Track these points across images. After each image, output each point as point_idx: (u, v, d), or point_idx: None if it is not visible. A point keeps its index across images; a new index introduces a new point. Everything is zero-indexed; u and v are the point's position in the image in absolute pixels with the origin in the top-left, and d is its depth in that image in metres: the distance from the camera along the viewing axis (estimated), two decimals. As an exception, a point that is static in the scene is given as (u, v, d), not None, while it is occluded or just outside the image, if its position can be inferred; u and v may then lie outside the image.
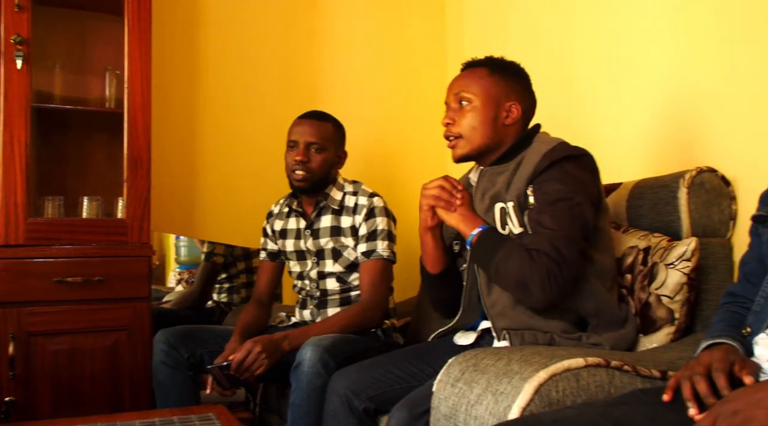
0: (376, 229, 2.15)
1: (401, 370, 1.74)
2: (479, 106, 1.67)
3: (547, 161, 1.57)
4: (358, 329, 2.05)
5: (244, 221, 2.80)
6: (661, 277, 1.61)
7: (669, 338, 1.58)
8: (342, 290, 2.21)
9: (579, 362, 1.26)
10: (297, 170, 2.16)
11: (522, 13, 2.73)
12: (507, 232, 1.62)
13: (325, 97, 2.92)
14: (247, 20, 2.89)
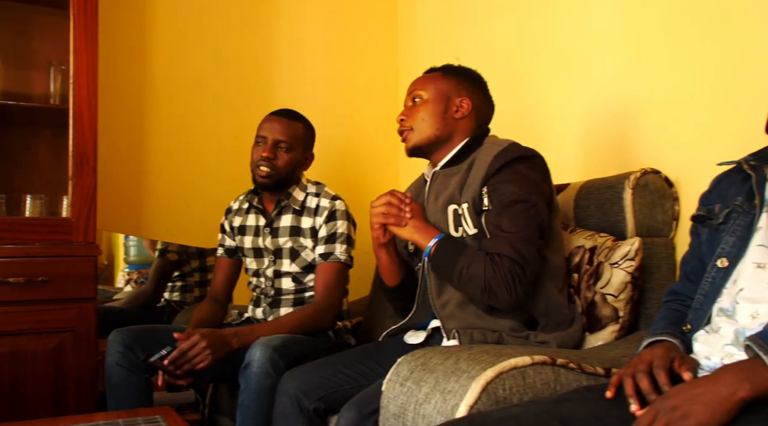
0: (335, 231, 2.13)
1: (351, 370, 1.74)
2: (429, 100, 1.75)
3: (499, 162, 1.60)
4: (309, 330, 2.03)
5: (195, 220, 2.76)
6: (606, 277, 1.64)
7: (614, 336, 1.62)
8: (297, 290, 2.20)
9: (525, 360, 1.27)
10: (262, 166, 2.13)
11: (474, 15, 2.75)
12: (461, 233, 1.64)
13: (278, 96, 2.90)
14: (199, 16, 2.85)
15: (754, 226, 1.18)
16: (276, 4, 3.00)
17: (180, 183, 2.79)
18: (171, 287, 3.19)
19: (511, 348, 1.39)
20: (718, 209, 1.28)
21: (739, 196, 1.24)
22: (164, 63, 2.78)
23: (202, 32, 2.85)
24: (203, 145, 2.82)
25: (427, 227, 1.65)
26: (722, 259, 1.21)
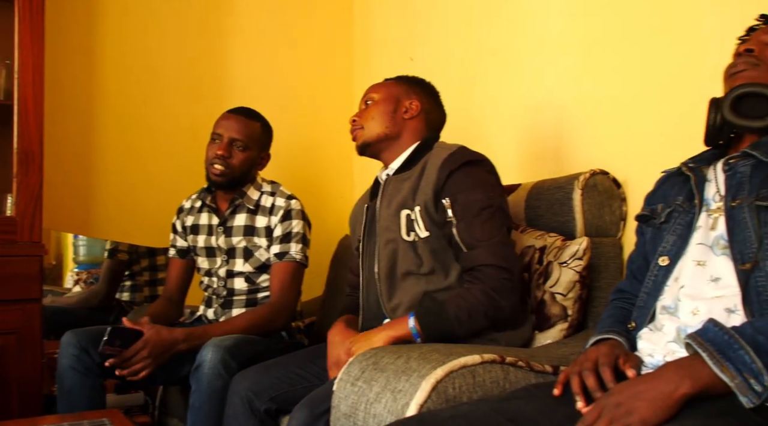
0: (291, 231, 2.12)
1: (303, 370, 1.74)
2: (379, 100, 1.80)
3: (449, 165, 1.62)
4: (263, 331, 2.01)
5: (146, 220, 2.72)
6: (555, 276, 1.67)
7: (562, 334, 1.64)
8: (249, 291, 2.17)
9: (475, 359, 1.28)
10: (216, 164, 2.10)
11: (429, 17, 2.76)
12: (413, 238, 1.65)
13: (232, 95, 2.87)
14: (150, 12, 2.80)
15: (694, 224, 1.21)
16: (232, 5, 2.97)
17: (130, 182, 2.74)
18: (120, 287, 3.13)
19: (462, 347, 1.40)
20: (660, 209, 1.31)
21: (680, 196, 1.28)
22: (115, 59, 2.73)
23: (154, 28, 2.81)
24: (155, 143, 2.78)
25: (391, 324, 1.57)
26: (663, 257, 1.24)
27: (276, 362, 1.76)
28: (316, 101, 3.14)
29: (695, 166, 1.28)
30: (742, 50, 1.23)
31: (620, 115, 1.89)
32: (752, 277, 1.08)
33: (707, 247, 1.17)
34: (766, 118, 1.16)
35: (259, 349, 1.90)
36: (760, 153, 1.15)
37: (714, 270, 1.15)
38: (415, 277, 1.65)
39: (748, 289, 1.08)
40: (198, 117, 2.60)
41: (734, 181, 1.18)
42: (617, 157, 1.88)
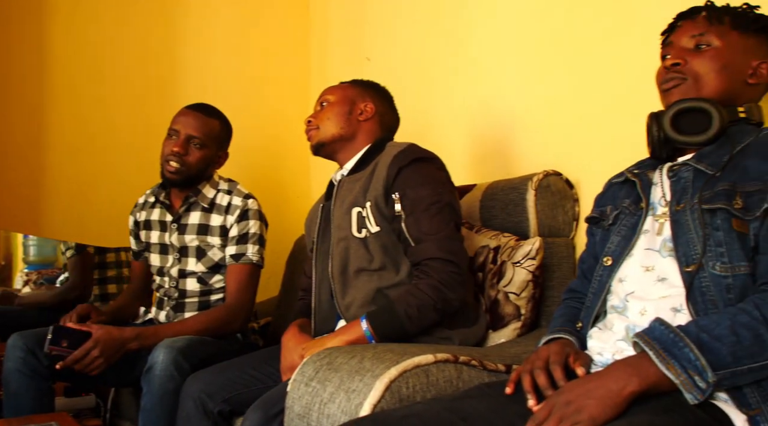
0: (248, 232, 2.08)
1: (257, 371, 1.73)
2: (335, 102, 1.82)
3: (399, 162, 1.64)
4: (218, 333, 1.98)
5: (98, 219, 2.66)
6: (509, 275, 1.69)
7: (516, 333, 1.66)
8: (202, 292, 2.12)
9: (428, 358, 1.29)
10: (171, 161, 2.06)
11: (385, 16, 2.77)
12: (364, 234, 1.66)
13: (187, 93, 2.82)
14: (103, 7, 2.75)
15: (639, 227, 1.24)
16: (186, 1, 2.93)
17: (82, 180, 2.69)
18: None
19: (416, 346, 1.40)
20: (609, 211, 1.34)
21: (627, 199, 1.31)
22: (65, 55, 2.67)
23: (106, 24, 2.75)
24: (107, 141, 2.73)
25: (343, 329, 1.57)
26: (607, 258, 1.27)
27: (230, 363, 1.75)
28: (273, 101, 3.12)
29: (640, 172, 1.31)
30: (669, 64, 1.26)
31: (573, 116, 1.92)
32: (696, 278, 1.10)
33: (654, 251, 1.20)
34: (707, 132, 1.20)
35: (213, 350, 1.88)
36: (703, 166, 1.19)
37: (661, 271, 1.17)
38: (368, 274, 1.66)
39: (693, 290, 1.10)
40: (152, 115, 2.56)
41: (678, 186, 1.21)
42: (570, 159, 1.91)
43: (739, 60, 1.24)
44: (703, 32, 1.25)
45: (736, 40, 1.24)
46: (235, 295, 2.04)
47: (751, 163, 1.14)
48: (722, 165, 1.16)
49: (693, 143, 1.22)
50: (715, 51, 1.23)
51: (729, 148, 1.18)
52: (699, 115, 1.21)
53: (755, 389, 1.00)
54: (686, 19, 1.29)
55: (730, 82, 1.23)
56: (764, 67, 1.25)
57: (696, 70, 1.23)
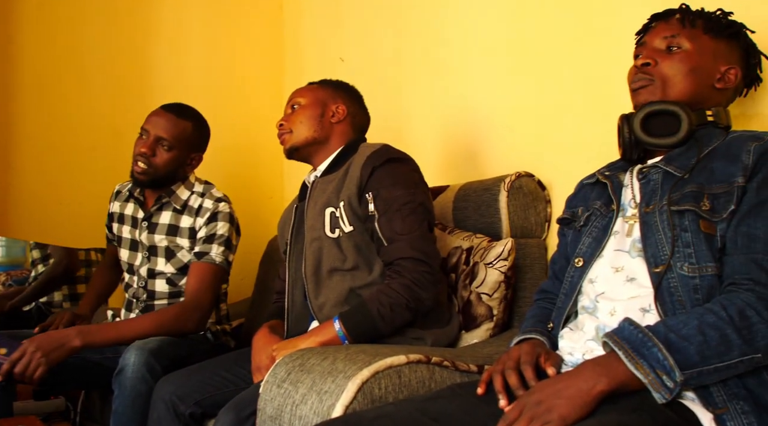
0: (215, 233, 2.04)
1: (230, 373, 1.72)
2: (306, 105, 1.81)
3: (372, 162, 1.65)
4: (172, 331, 1.91)
5: (68, 220, 2.63)
6: (481, 276, 1.69)
7: (488, 334, 1.67)
8: (171, 294, 2.09)
9: (401, 359, 1.29)
10: (139, 162, 2.02)
11: (359, 17, 2.77)
12: (337, 234, 1.66)
13: (159, 92, 2.79)
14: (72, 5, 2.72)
15: (610, 228, 1.25)
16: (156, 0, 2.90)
17: (51, 180, 2.65)
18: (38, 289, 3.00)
19: (388, 347, 1.40)
20: (581, 212, 1.35)
21: (598, 200, 1.32)
22: (34, 53, 2.63)
23: (77, 22, 2.72)
24: (76, 140, 2.69)
25: (317, 330, 1.56)
26: (578, 259, 1.28)
27: (201, 365, 1.73)
28: (246, 101, 3.10)
29: (611, 174, 1.33)
30: (639, 64, 1.28)
31: (545, 118, 1.94)
32: (665, 278, 1.12)
33: (624, 252, 1.21)
34: (676, 135, 1.22)
35: (185, 351, 1.86)
36: (672, 168, 1.21)
37: (630, 271, 1.19)
38: (341, 274, 1.66)
39: (661, 290, 1.12)
40: (123, 114, 2.53)
41: (648, 188, 1.23)
42: (543, 160, 1.93)
43: (708, 64, 1.26)
44: (675, 34, 1.27)
45: (706, 44, 1.26)
46: (192, 293, 1.97)
47: (717, 165, 1.16)
48: (690, 167, 1.18)
49: (662, 145, 1.25)
50: (685, 53, 1.25)
51: (697, 151, 1.20)
52: (668, 118, 1.23)
53: (721, 388, 1.01)
54: (660, 21, 1.32)
55: (697, 85, 1.25)
56: (732, 73, 1.27)
57: (665, 72, 1.25)
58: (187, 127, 2.07)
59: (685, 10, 1.30)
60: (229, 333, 2.21)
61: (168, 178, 2.07)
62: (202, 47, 3.00)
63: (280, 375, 1.32)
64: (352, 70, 2.76)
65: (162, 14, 2.90)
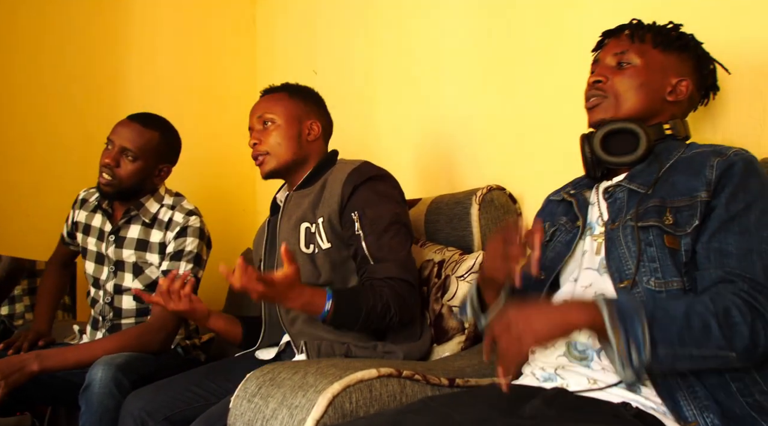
0: (183, 249, 1.99)
1: (200, 388, 1.70)
2: (282, 124, 1.77)
3: (354, 179, 1.65)
4: (136, 352, 1.85)
5: (35, 232, 2.58)
6: (453, 289, 1.70)
7: (460, 347, 1.67)
8: (138, 311, 2.03)
9: (372, 373, 1.29)
10: (104, 173, 1.97)
11: (332, 30, 2.78)
12: (312, 250, 1.66)
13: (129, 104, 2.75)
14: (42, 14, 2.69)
15: (573, 244, 1.27)
16: (128, 5, 2.88)
17: (18, 192, 2.61)
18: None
19: (359, 361, 1.40)
20: (547, 226, 1.36)
21: (564, 216, 1.34)
22: (3, 62, 2.60)
23: (47, 32, 2.69)
24: (46, 151, 2.65)
25: (309, 293, 1.53)
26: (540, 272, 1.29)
27: (171, 380, 1.71)
28: (219, 112, 3.08)
29: (576, 192, 1.35)
30: (591, 81, 1.30)
31: (516, 132, 1.96)
32: (631, 294, 1.13)
33: (593, 270, 1.22)
34: (635, 152, 1.24)
35: (154, 366, 1.83)
36: (636, 185, 1.22)
37: (598, 288, 1.20)
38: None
39: None
40: (92, 125, 2.49)
41: (615, 207, 1.24)
42: (513, 173, 1.94)
43: (658, 78, 1.27)
44: (625, 50, 1.29)
45: (656, 57, 1.28)
46: (158, 313, 1.91)
47: (678, 178, 1.18)
48: (652, 182, 1.20)
49: (622, 163, 1.26)
50: (635, 69, 1.27)
51: (657, 166, 1.22)
52: (627, 136, 1.25)
53: (691, 402, 1.03)
54: (612, 37, 1.34)
55: (649, 99, 1.27)
56: (683, 85, 1.28)
57: (616, 88, 1.27)
58: (154, 137, 2.01)
59: (635, 26, 1.32)
60: (199, 347, 2.18)
61: (135, 189, 2.02)
62: (175, 58, 2.98)
63: (251, 389, 1.31)
64: (325, 83, 2.75)
65: (134, 24, 2.88)
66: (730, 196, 1.12)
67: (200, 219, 2.05)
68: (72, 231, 2.20)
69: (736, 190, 1.12)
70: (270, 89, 1.87)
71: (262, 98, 1.86)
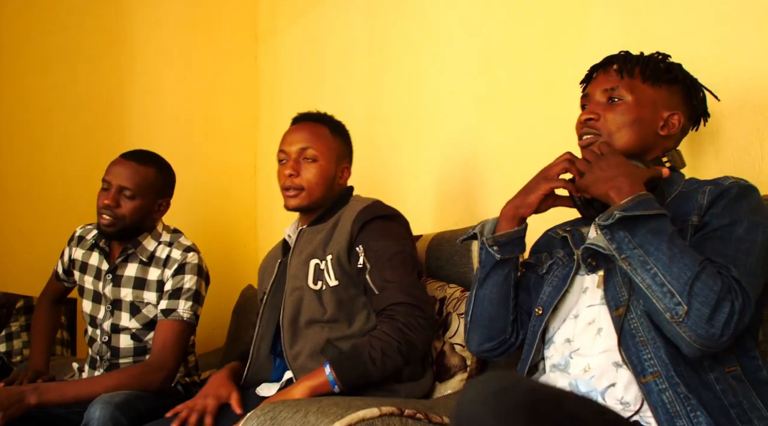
0: (182, 287, 1.98)
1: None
2: (324, 163, 1.76)
3: (363, 217, 1.66)
4: (136, 390, 1.82)
5: (35, 269, 2.58)
6: (455, 326, 1.69)
7: (462, 384, 1.65)
8: (136, 351, 2.03)
9: (373, 412, 1.27)
10: (104, 214, 1.96)
11: (334, 64, 2.81)
12: (320, 286, 1.66)
13: (132, 138, 2.79)
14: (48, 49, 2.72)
15: (569, 278, 1.26)
16: (132, 42, 2.92)
17: (18, 228, 2.61)
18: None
19: (361, 399, 1.38)
20: (544, 257, 1.36)
21: (562, 249, 1.34)
22: (7, 101, 2.63)
23: (51, 69, 2.73)
24: (47, 189, 2.67)
25: (307, 376, 1.53)
26: (538, 308, 1.30)
27: (170, 420, 1.69)
28: (221, 149, 3.11)
29: (572, 228, 1.35)
30: (583, 119, 1.30)
31: (517, 168, 1.96)
32: (626, 321, 1.13)
33: (596, 305, 1.22)
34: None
35: (153, 405, 1.80)
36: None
37: (599, 322, 1.20)
38: (319, 325, 1.65)
39: (624, 336, 1.12)
40: (95, 160, 2.49)
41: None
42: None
43: (650, 113, 1.27)
44: (615, 86, 1.28)
45: (646, 93, 1.27)
46: (158, 352, 1.90)
47: (675, 208, 1.19)
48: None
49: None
50: (626, 106, 1.26)
51: (661, 199, 1.21)
52: None
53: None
54: (600, 71, 1.34)
55: (642, 135, 1.27)
56: (675, 118, 1.28)
57: (609, 127, 1.27)
58: (150, 173, 2.02)
59: (623, 59, 1.31)
60: (199, 384, 2.16)
61: (136, 227, 2.02)
62: (177, 95, 3.02)
63: (251, 429, 1.30)
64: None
65: (137, 62, 2.92)
66: (718, 215, 1.13)
67: (198, 255, 2.04)
68: (68, 268, 2.19)
69: (724, 211, 1.13)
70: (310, 117, 1.82)
71: (303, 126, 1.80)
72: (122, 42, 2.91)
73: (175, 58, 3.02)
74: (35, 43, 2.70)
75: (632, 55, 1.32)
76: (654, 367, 1.08)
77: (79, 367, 2.16)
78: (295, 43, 3.07)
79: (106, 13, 2.87)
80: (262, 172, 3.07)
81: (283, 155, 1.78)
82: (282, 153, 1.78)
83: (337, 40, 2.80)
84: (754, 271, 1.07)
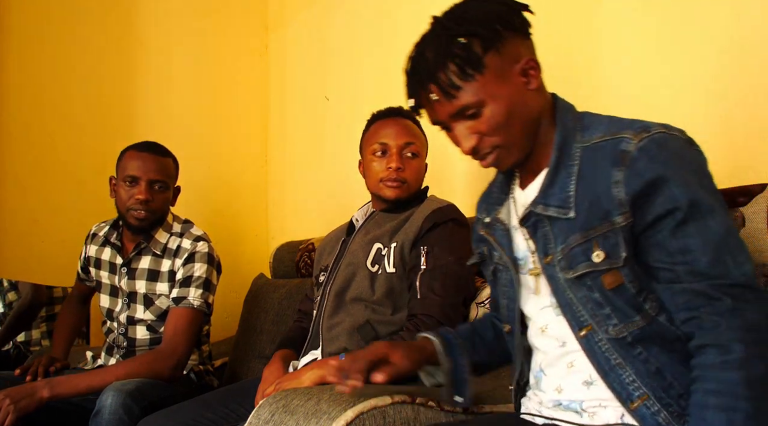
0: (192, 275, 1.99)
1: (213, 413, 1.68)
2: (422, 161, 1.83)
3: (434, 218, 1.67)
4: (147, 378, 1.84)
5: (49, 258, 2.59)
6: (472, 316, 1.69)
7: (474, 373, 1.65)
8: (152, 341, 2.04)
9: (385, 400, 1.28)
10: (140, 210, 1.97)
11: (344, 55, 2.79)
12: (376, 269, 1.68)
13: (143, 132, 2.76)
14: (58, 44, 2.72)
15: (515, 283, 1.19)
16: (143, 34, 2.91)
17: (33, 219, 2.62)
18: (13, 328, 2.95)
19: (372, 387, 1.38)
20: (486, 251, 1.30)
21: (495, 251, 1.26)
22: (19, 92, 2.63)
23: (61, 59, 2.72)
24: (64, 177, 2.67)
25: (320, 363, 1.54)
26: (505, 325, 1.27)
27: (182, 407, 1.70)
28: (231, 139, 3.10)
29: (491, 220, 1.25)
30: (469, 149, 1.12)
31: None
32: (595, 343, 1.05)
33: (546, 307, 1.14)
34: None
35: (165, 393, 1.81)
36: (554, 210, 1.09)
37: (558, 335, 1.12)
38: (363, 304, 1.67)
39: (596, 357, 1.05)
40: (107, 153, 2.50)
41: (540, 242, 1.12)
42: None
43: (505, 87, 1.08)
44: (463, 102, 1.09)
45: (488, 78, 1.07)
46: (169, 340, 1.92)
47: (590, 190, 1.05)
48: (570, 200, 1.06)
49: None
50: (490, 107, 1.08)
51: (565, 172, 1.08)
52: None
53: None
54: (420, 101, 1.20)
55: (522, 112, 1.10)
56: (529, 64, 1.10)
57: (495, 141, 1.10)
58: (170, 163, 2.07)
59: (424, 80, 1.18)
60: (212, 372, 2.17)
61: (162, 217, 2.06)
62: (188, 84, 3.00)
63: (264, 416, 1.30)
64: (337, 109, 2.77)
65: (148, 51, 2.91)
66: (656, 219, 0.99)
67: (208, 244, 2.06)
68: (85, 266, 2.22)
69: (664, 200, 0.98)
70: (404, 113, 1.81)
71: (401, 121, 1.80)
72: (133, 34, 2.90)
73: (185, 49, 3.01)
74: (44, 42, 2.69)
75: (422, 70, 1.19)
76: (639, 389, 1.01)
77: (94, 355, 2.18)
78: (306, 33, 3.06)
79: (117, 5, 2.87)
80: (272, 161, 3.07)
81: (383, 147, 1.78)
82: (381, 144, 1.78)
83: (347, 29, 2.79)
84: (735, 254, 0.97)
